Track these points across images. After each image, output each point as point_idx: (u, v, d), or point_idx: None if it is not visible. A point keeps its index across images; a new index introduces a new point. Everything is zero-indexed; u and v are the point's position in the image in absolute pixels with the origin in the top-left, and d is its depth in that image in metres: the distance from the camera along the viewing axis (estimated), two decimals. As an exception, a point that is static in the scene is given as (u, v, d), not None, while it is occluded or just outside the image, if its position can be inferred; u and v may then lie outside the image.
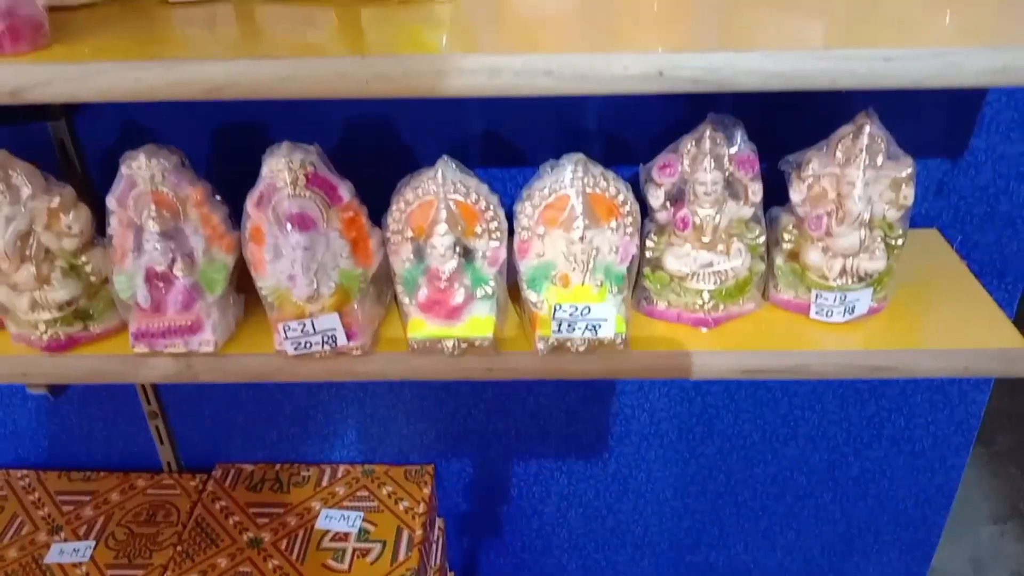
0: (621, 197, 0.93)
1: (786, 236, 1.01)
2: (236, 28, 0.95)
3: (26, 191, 0.95)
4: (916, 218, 1.17)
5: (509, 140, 1.17)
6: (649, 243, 1.00)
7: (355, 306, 0.98)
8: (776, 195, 1.01)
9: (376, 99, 0.80)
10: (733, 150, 0.95)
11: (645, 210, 0.99)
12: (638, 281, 1.03)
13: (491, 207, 0.95)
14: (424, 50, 0.80)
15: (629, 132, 1.15)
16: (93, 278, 1.01)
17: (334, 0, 0.97)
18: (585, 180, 0.92)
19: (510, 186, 1.21)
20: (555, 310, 0.95)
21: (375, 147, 1.18)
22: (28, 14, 0.82)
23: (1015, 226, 1.20)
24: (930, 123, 1.12)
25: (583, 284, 0.97)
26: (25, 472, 1.57)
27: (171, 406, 1.52)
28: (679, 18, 0.89)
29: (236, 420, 1.52)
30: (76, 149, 1.19)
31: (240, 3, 1.00)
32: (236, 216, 0.98)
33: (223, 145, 1.19)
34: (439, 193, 0.93)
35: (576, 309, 0.95)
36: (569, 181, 0.93)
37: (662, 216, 0.99)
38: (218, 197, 0.99)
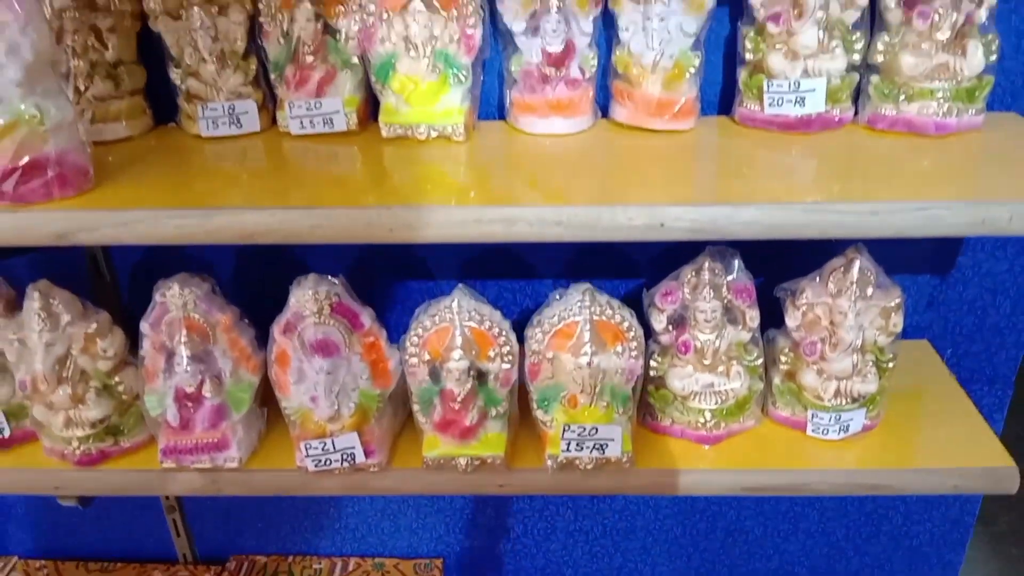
0: (626, 324, 0.99)
1: (782, 358, 1.06)
2: (266, 163, 1.00)
3: (65, 318, 1.00)
4: (908, 330, 1.21)
5: (520, 258, 1.23)
6: (653, 363, 1.05)
7: (373, 425, 1.03)
8: (772, 314, 1.07)
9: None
10: (731, 278, 1.01)
11: (648, 330, 1.04)
12: (642, 397, 1.07)
13: (503, 332, 1.00)
14: (444, 198, 0.86)
15: (633, 252, 1.21)
16: (125, 396, 1.06)
17: (357, 138, 1.03)
18: (592, 309, 0.98)
19: (520, 297, 1.26)
20: (564, 430, 1.00)
21: (394, 266, 1.24)
22: (75, 161, 0.88)
23: (1003, 337, 1.25)
24: (919, 244, 1.18)
25: (591, 405, 1.01)
26: (43, 563, 1.60)
27: (188, 500, 1.55)
28: (678, 163, 0.95)
29: (250, 513, 1.56)
30: (108, 266, 1.24)
31: (268, 138, 1.06)
32: (262, 336, 1.04)
33: (251, 269, 1.25)
34: (455, 320, 0.98)
35: (584, 429, 0.99)
36: (578, 309, 0.98)
37: (665, 339, 1.04)
38: (245, 320, 1.04)
